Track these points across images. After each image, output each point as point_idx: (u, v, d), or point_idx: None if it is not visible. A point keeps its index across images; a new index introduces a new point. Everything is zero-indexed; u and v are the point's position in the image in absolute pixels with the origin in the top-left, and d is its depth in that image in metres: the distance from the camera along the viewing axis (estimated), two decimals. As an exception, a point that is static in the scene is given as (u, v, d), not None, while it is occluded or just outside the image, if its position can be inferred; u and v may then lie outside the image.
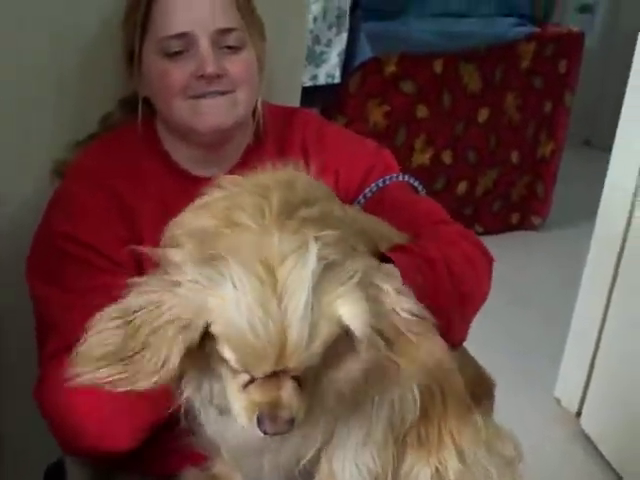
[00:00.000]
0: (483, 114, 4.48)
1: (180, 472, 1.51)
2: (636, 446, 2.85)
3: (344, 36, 3.85)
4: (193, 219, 1.26)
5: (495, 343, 3.62)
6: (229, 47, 1.59)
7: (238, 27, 1.61)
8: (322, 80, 3.88)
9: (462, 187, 4.59)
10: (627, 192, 2.89)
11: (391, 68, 4.06)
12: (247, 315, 1.08)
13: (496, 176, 4.68)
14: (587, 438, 3.11)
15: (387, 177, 1.71)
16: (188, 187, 1.42)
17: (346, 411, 1.32)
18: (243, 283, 1.09)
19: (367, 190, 1.70)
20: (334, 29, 3.82)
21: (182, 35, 1.56)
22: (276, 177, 1.34)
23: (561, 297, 3.46)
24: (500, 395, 3.21)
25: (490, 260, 1.64)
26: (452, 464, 1.46)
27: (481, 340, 3.43)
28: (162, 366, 1.13)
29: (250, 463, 1.39)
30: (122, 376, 1.15)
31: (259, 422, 1.14)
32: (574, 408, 3.21)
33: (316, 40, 3.79)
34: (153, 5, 1.59)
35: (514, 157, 4.69)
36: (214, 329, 1.12)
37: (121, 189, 1.60)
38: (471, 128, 4.47)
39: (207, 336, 1.14)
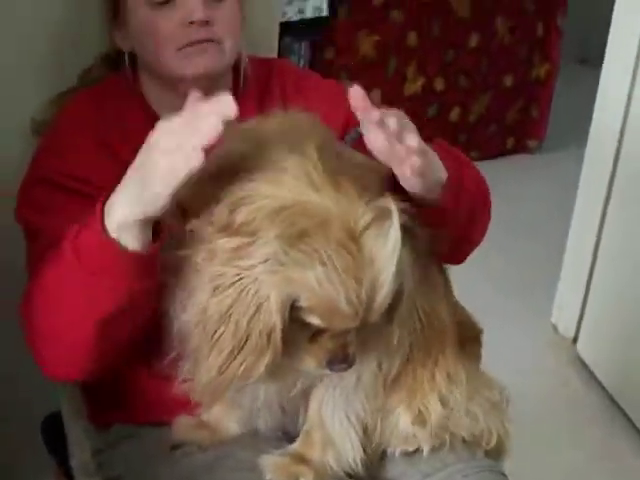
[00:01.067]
0: (474, 39, 4.44)
1: (172, 419, 1.56)
2: (630, 370, 2.89)
3: (330, -34, 3.81)
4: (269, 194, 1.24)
5: (492, 269, 3.66)
6: None
7: None
8: (309, 14, 3.85)
9: (455, 114, 4.56)
10: (617, 109, 2.90)
11: (379, -3, 4.04)
12: (340, 288, 1.17)
13: (489, 101, 4.64)
14: (583, 363, 3.15)
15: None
16: None
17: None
18: (332, 259, 1.16)
19: (348, 135, 1.71)
20: (320, -39, 3.78)
21: None
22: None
23: (559, 220, 3.45)
24: (498, 322, 3.26)
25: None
26: (434, 407, 1.50)
27: (480, 265, 3.48)
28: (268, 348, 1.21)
29: (248, 393, 1.44)
30: (245, 366, 1.23)
31: (329, 364, 1.28)
32: (570, 334, 3.24)
33: (302, -27, 3.75)
34: None
35: (507, 81, 4.65)
36: (303, 303, 1.20)
37: (109, 138, 1.62)
38: (462, 54, 4.43)
39: None
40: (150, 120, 1.63)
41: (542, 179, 4.54)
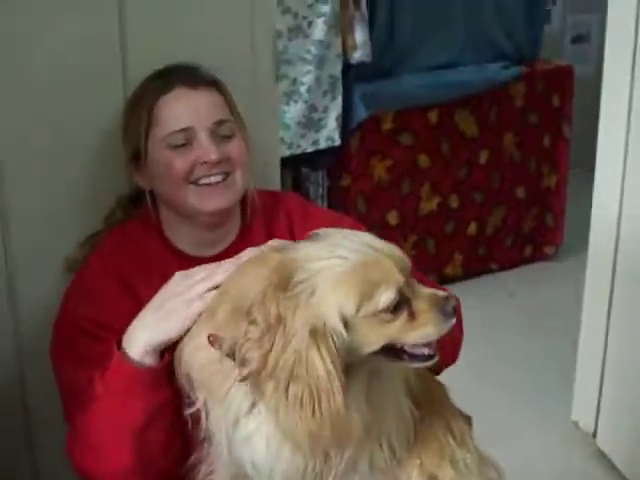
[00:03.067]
0: (483, 156, 4.64)
1: None
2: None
3: (339, 100, 4.07)
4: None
5: (513, 376, 3.81)
6: (223, 136, 1.85)
7: (229, 119, 1.87)
8: (323, 144, 4.11)
9: (472, 228, 4.74)
10: (612, 213, 3.07)
11: (388, 124, 4.26)
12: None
13: (504, 213, 4.83)
14: (604, 456, 3.26)
15: None
16: (185, 265, 1.68)
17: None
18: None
19: None
20: (329, 95, 4.04)
21: (185, 130, 1.82)
22: None
23: (576, 322, 3.55)
24: (520, 419, 3.39)
25: None
26: (446, 472, 1.58)
27: (500, 372, 3.61)
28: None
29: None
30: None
31: (443, 311, 1.42)
32: (590, 429, 3.35)
33: (313, 108, 4.01)
34: (155, 109, 1.84)
35: (520, 192, 4.84)
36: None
37: (131, 277, 1.83)
38: (474, 171, 4.64)
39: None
40: (168, 248, 1.89)
41: (560, 284, 4.66)
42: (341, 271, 1.37)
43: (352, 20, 4.03)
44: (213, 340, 1.44)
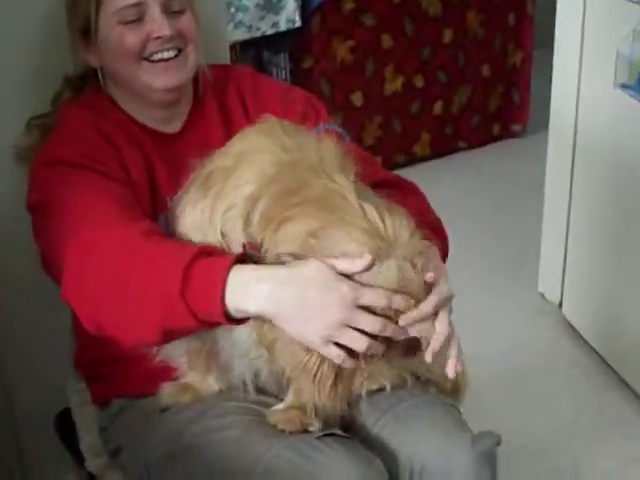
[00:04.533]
0: (447, 35, 4.59)
1: (157, 389, 1.76)
2: (614, 326, 3.05)
3: (299, -19, 4.00)
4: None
5: (484, 247, 3.90)
6: (174, 12, 1.81)
7: None
8: (283, 26, 4.04)
9: (438, 107, 4.70)
10: (571, 89, 3.08)
11: (349, 4, 4.19)
12: None
13: (470, 92, 4.79)
14: (570, 326, 3.32)
15: (320, 125, 1.88)
16: (156, 138, 1.79)
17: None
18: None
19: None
20: (288, -25, 3.97)
21: (137, 4, 1.77)
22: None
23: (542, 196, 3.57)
24: (489, 294, 3.44)
25: None
26: None
27: (473, 246, 3.65)
28: None
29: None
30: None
31: None
32: (557, 300, 3.41)
33: (272, -11, 3.95)
34: None
35: (485, 71, 4.79)
36: None
37: (112, 136, 1.79)
38: (438, 50, 4.58)
39: None
40: (133, 123, 1.86)
41: (529, 160, 4.62)
42: None
43: None
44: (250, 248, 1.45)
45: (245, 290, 1.40)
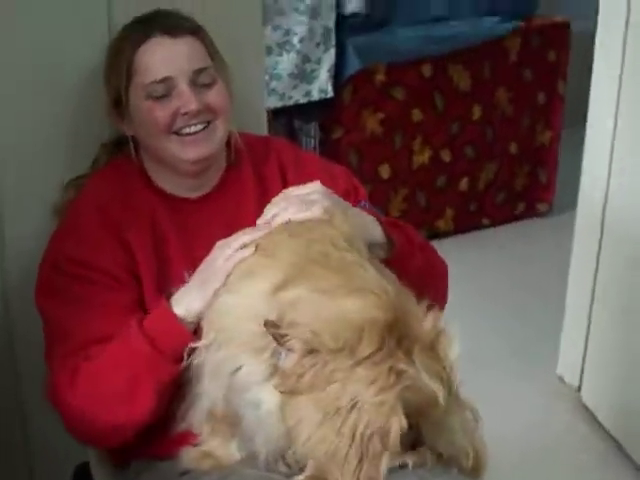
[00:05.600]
0: (476, 111, 4.62)
1: (178, 453, 1.75)
2: (632, 412, 3.02)
3: (332, 52, 4.06)
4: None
5: (503, 327, 3.86)
6: (203, 85, 1.85)
7: (208, 66, 1.87)
8: (316, 96, 4.10)
9: (464, 183, 4.72)
10: (602, 174, 3.07)
11: (381, 77, 4.24)
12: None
13: (496, 169, 4.80)
14: (587, 410, 3.28)
15: (361, 203, 1.94)
16: (175, 207, 1.84)
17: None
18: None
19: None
20: (322, 46, 4.02)
21: (164, 80, 1.82)
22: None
23: (566, 278, 3.53)
24: (505, 370, 3.41)
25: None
26: None
27: (492, 325, 3.62)
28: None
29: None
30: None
31: None
32: (575, 383, 3.37)
33: (306, 59, 4.00)
34: (135, 57, 1.84)
35: (513, 148, 4.81)
36: None
37: (119, 219, 1.84)
38: (466, 125, 4.61)
39: None
40: (156, 193, 1.89)
41: (553, 240, 4.63)
42: None
43: (346, -29, 4.00)
44: (270, 325, 1.48)
45: (184, 297, 1.68)
